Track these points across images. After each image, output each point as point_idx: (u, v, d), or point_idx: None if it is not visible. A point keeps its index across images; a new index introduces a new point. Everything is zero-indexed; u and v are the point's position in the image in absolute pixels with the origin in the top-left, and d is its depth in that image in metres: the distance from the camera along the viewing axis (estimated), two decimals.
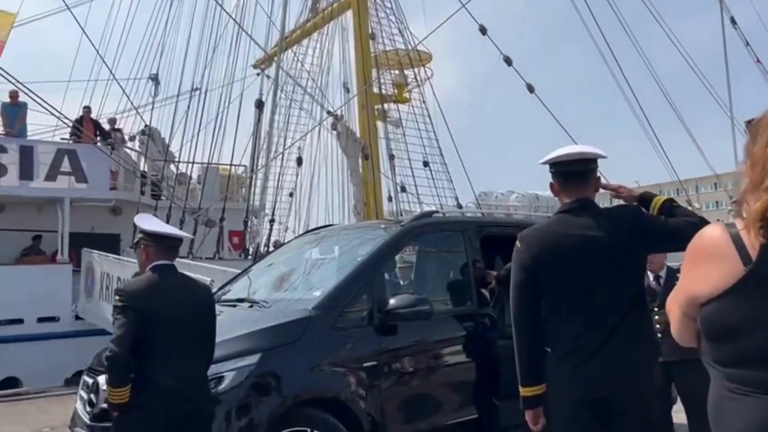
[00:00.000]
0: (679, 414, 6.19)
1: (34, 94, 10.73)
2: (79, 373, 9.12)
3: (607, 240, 2.67)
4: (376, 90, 18.81)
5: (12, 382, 10.63)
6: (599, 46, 17.15)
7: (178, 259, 3.68)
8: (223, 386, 3.46)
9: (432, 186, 19.04)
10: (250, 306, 4.33)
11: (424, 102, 19.82)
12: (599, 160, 2.86)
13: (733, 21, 19.39)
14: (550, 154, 2.84)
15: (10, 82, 10.94)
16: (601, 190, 2.96)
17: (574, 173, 2.80)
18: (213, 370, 3.47)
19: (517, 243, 2.82)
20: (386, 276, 4.25)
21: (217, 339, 3.72)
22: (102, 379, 3.82)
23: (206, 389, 3.41)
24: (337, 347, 3.81)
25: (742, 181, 1.44)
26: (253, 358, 3.54)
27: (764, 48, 19.41)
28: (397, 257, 4.70)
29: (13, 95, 13.01)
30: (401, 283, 5.35)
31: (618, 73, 17.21)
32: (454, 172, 19.48)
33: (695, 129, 19.04)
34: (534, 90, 17.92)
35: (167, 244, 3.56)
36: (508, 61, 17.31)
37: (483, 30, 17.12)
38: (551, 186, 2.89)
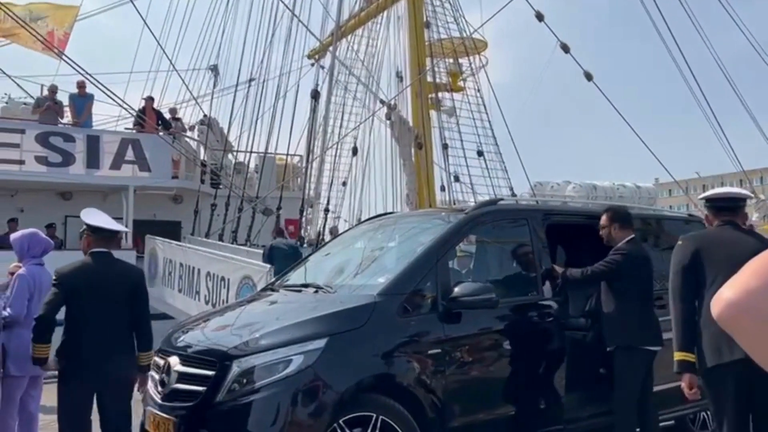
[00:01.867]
0: None
1: (101, 84, 11.08)
2: None
3: (751, 248, 3.11)
4: (430, 79, 18.69)
5: None
6: (660, 31, 16.65)
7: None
8: (290, 369, 3.51)
9: (486, 176, 18.85)
10: (315, 291, 4.38)
11: (478, 90, 19.60)
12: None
13: None
14: (707, 192, 3.70)
15: (78, 72, 11.30)
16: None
17: (725, 208, 3.56)
18: (281, 353, 3.54)
19: (680, 241, 3.51)
20: (450, 264, 4.24)
21: (284, 323, 3.83)
22: (173, 360, 3.96)
23: (127, 360, 4.10)
24: (402, 334, 3.83)
25: None
26: (320, 343, 3.58)
27: None
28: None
29: (81, 85, 13.45)
30: (461, 272, 5.35)
31: (680, 58, 16.67)
32: (509, 162, 19.25)
33: (760, 117, 18.32)
34: (592, 78, 17.51)
35: (104, 236, 4.22)
36: (565, 48, 16.95)
37: (539, 16, 16.79)
38: (706, 217, 3.73)
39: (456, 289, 3.95)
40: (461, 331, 4.00)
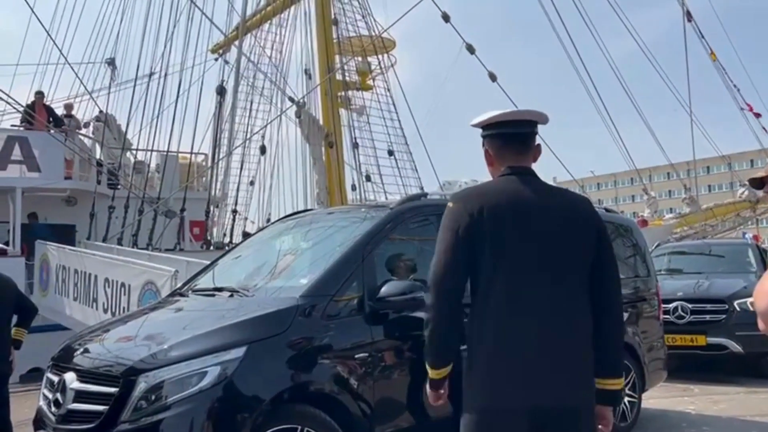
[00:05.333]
0: (650, 400, 6.22)
1: None
2: (34, 370, 8.70)
3: (563, 214, 2.35)
4: (339, 77, 18.50)
5: None
6: (560, 36, 17.25)
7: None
8: (205, 382, 3.18)
9: (397, 175, 18.89)
10: (231, 295, 4.05)
11: (388, 89, 19.66)
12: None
13: (689, 15, 19.73)
14: (483, 115, 2.46)
15: None
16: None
17: (515, 135, 2.41)
18: (194, 365, 3.22)
19: (450, 203, 2.38)
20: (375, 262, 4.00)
21: (196, 331, 3.49)
22: (69, 377, 3.53)
23: (7, 357, 4.95)
24: (327, 338, 3.57)
25: None
26: (239, 352, 3.27)
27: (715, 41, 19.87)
28: None
29: None
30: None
31: (578, 61, 17.35)
32: (419, 161, 19.39)
33: (649, 117, 19.39)
34: (496, 79, 17.91)
35: None
36: (470, 49, 17.22)
37: (446, 17, 16.97)
38: (486, 154, 2.50)
39: (383, 289, 3.72)
40: (390, 332, 3.78)
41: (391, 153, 18.89)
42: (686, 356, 7.90)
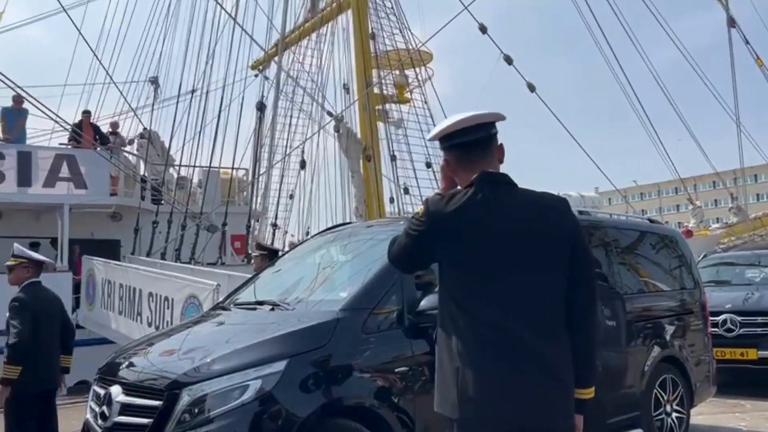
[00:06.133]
0: (699, 416, 6.04)
1: (33, 98, 10.48)
2: (81, 383, 8.90)
3: (536, 222, 2.27)
4: (376, 90, 18.59)
5: None
6: (599, 44, 17.04)
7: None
8: (247, 396, 3.22)
9: (435, 188, 18.82)
10: (272, 309, 4.08)
11: (425, 102, 19.63)
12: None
13: (732, 21, 19.29)
14: (438, 127, 2.41)
15: (8, 86, 10.66)
16: None
17: (476, 142, 2.32)
18: (236, 379, 3.26)
19: (421, 208, 2.36)
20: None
21: (238, 345, 3.52)
22: (115, 390, 3.60)
23: (57, 371, 5.18)
24: (367, 351, 3.57)
25: None
26: (280, 365, 3.29)
27: (761, 45, 19.38)
28: None
29: (18, 100, 12.73)
30: None
31: (618, 71, 17.10)
32: None
33: (693, 125, 18.99)
34: (535, 89, 17.76)
35: (40, 268, 5.20)
36: (508, 60, 17.11)
37: (483, 29, 16.92)
38: (447, 165, 2.40)
39: (423, 302, 3.70)
40: (430, 346, 3.76)
41: (429, 165, 18.85)
42: (736, 371, 7.65)
